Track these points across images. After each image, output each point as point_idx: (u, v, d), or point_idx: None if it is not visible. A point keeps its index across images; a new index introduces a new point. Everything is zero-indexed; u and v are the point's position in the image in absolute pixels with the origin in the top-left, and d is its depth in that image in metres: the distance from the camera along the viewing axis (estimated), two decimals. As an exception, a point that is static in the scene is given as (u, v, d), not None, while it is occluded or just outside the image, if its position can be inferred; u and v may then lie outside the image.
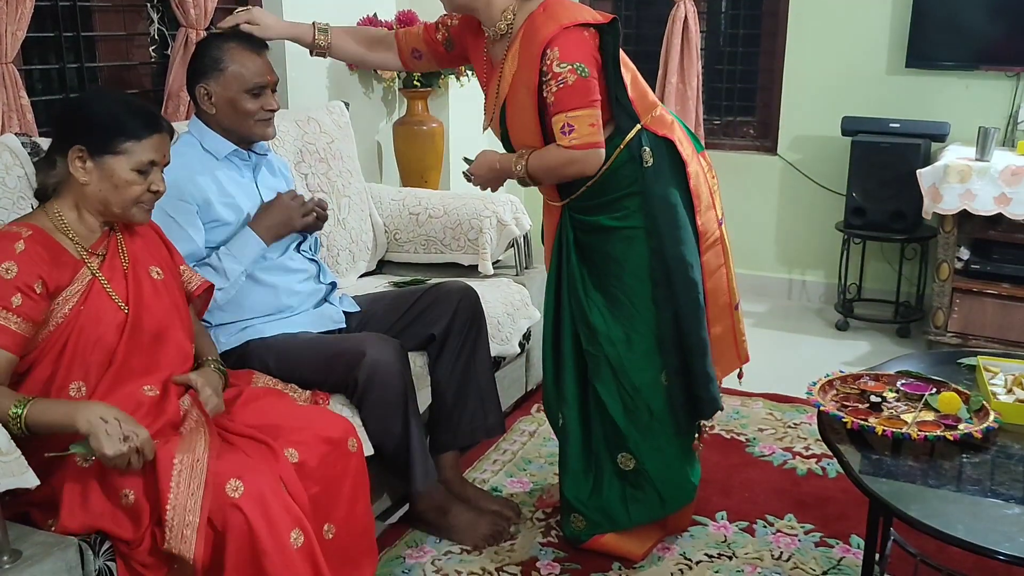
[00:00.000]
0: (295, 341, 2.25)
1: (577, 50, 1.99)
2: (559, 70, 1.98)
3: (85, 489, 1.63)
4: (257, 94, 2.24)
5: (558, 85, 1.99)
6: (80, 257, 1.74)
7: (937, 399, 1.94)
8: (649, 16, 4.50)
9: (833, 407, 1.93)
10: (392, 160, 3.79)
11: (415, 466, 2.23)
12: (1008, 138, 3.77)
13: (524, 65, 2.04)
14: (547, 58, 1.98)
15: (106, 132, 1.71)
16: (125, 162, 1.71)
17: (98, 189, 1.72)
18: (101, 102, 1.76)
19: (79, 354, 1.70)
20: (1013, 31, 3.72)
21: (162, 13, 2.89)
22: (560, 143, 2.03)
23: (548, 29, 1.99)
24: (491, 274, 3.01)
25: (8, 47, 2.28)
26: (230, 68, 2.22)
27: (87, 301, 1.71)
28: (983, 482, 1.71)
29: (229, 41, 2.24)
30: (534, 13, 2.05)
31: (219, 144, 2.26)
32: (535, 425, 3.03)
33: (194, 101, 2.27)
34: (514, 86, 2.08)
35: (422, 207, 3.11)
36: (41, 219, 1.73)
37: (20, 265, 1.63)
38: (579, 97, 1.99)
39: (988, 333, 3.50)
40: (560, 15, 2.01)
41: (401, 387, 2.18)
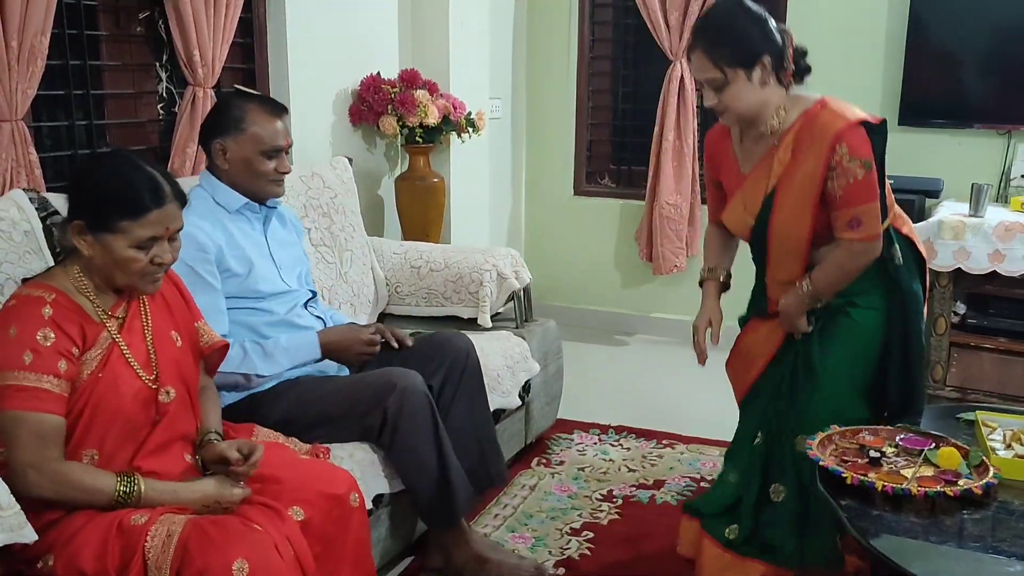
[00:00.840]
0: (312, 383, 2.27)
1: (863, 146, 2.07)
2: (849, 165, 2.06)
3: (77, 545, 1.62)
4: (272, 156, 2.30)
5: (848, 180, 2.06)
6: (100, 320, 1.72)
7: (936, 454, 1.94)
8: (647, 74, 4.58)
9: (832, 462, 1.93)
10: (394, 214, 3.83)
11: (458, 492, 2.22)
12: (1001, 194, 3.83)
13: (804, 157, 2.11)
14: (836, 153, 2.06)
15: (103, 209, 1.67)
16: (123, 240, 1.68)
17: (101, 263, 1.70)
18: (105, 174, 1.71)
19: (96, 422, 1.69)
20: (1004, 90, 3.79)
21: (170, 72, 2.95)
22: (844, 236, 2.11)
23: (837, 124, 2.07)
24: (491, 327, 3.03)
25: (19, 104, 2.33)
26: (250, 129, 2.26)
27: (106, 367, 1.70)
28: (985, 539, 1.70)
29: (251, 102, 2.30)
30: (811, 109, 2.13)
31: (231, 198, 2.30)
32: (535, 479, 3.02)
33: (208, 154, 2.32)
34: (788, 176, 2.14)
35: (423, 260, 3.14)
36: (60, 279, 1.72)
37: (55, 330, 1.63)
38: (867, 192, 2.07)
39: (986, 387, 3.51)
40: (845, 111, 2.10)
41: (431, 414, 2.20)
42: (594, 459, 3.18)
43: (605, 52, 4.73)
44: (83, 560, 1.60)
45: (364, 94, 3.54)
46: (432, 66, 3.81)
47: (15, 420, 1.59)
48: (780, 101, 2.15)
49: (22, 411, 1.59)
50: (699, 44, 2.11)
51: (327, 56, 3.43)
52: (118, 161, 1.74)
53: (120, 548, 1.60)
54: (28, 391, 1.59)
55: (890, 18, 3.98)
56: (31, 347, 1.61)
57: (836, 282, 2.17)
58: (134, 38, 2.88)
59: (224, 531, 1.61)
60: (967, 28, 3.80)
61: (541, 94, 4.77)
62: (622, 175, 4.80)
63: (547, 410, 3.26)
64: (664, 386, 3.95)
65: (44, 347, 1.62)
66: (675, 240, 4.37)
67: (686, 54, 2.08)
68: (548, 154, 4.82)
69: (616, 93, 4.75)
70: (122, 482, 1.65)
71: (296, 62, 3.27)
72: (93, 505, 1.63)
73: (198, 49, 2.80)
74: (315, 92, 3.41)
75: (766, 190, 2.19)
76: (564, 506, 2.85)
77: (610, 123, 4.79)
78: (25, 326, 1.62)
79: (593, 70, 4.73)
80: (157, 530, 1.61)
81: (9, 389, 1.59)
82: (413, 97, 3.50)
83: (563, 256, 4.82)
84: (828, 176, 2.08)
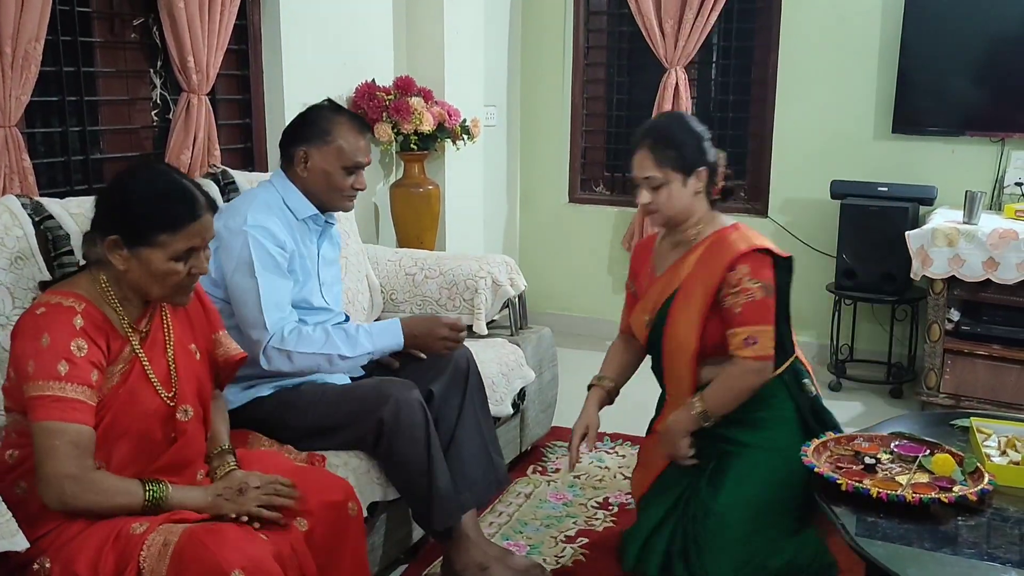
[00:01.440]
0: (309, 391, 2.27)
1: (764, 270, 2.19)
2: (749, 285, 2.16)
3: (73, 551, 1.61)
4: (352, 171, 2.33)
5: (747, 298, 2.16)
6: (125, 333, 1.72)
7: (931, 461, 1.94)
8: (642, 82, 4.60)
9: (828, 469, 1.93)
10: (389, 221, 3.83)
11: (437, 502, 2.22)
12: (995, 202, 3.84)
13: (706, 269, 2.23)
14: (737, 272, 2.17)
15: (141, 224, 1.66)
16: (161, 253, 1.67)
17: (137, 276, 1.69)
18: (140, 189, 1.69)
19: (109, 436, 1.68)
20: (996, 98, 3.81)
21: (164, 78, 2.95)
22: (740, 353, 2.18)
23: (740, 247, 2.20)
24: (485, 334, 3.02)
25: (12, 111, 2.32)
26: (337, 142, 2.30)
27: (127, 383, 1.69)
28: (979, 545, 1.71)
29: (341, 115, 2.34)
30: (725, 229, 2.28)
31: (302, 205, 2.33)
32: (531, 487, 3.02)
33: (287, 159, 2.34)
34: (688, 286, 2.25)
35: (418, 267, 3.14)
36: (87, 287, 1.70)
37: (87, 341, 1.62)
38: (764, 313, 2.17)
39: (980, 394, 3.51)
40: (751, 237, 2.24)
41: (424, 424, 2.20)
42: (589, 466, 3.18)
43: (600, 59, 4.75)
44: (79, 565, 1.59)
45: (359, 101, 3.54)
46: (427, 73, 3.81)
47: (53, 431, 1.57)
48: (702, 214, 2.29)
49: (61, 422, 1.58)
50: (646, 145, 2.24)
51: (322, 63, 3.43)
52: (152, 175, 1.73)
53: (116, 556, 1.59)
54: (65, 402, 1.58)
55: (884, 26, 4.00)
56: (66, 357, 1.60)
57: (727, 401, 2.22)
58: (128, 44, 2.87)
59: (221, 540, 1.59)
60: (961, 36, 3.82)
61: (536, 101, 4.78)
62: (616, 182, 4.81)
63: (542, 418, 3.25)
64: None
65: (78, 357, 1.61)
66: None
67: (641, 147, 2.27)
68: (543, 161, 4.83)
69: (611, 100, 4.76)
70: (149, 488, 1.65)
71: (291, 69, 3.27)
72: (125, 510, 1.62)
73: (192, 56, 2.80)
74: (310, 99, 3.36)
75: (668, 295, 2.30)
76: (559, 514, 2.84)
77: (605, 130, 4.80)
78: (58, 335, 1.61)
79: (588, 77, 4.74)
80: (154, 539, 1.60)
81: (46, 400, 1.58)
82: (408, 104, 3.50)
83: (558, 263, 4.83)
84: (726, 294, 2.18)
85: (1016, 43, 3.73)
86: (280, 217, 2.29)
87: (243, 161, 3.26)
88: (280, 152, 2.39)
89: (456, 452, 2.40)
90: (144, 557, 1.57)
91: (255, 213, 2.24)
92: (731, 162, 2.38)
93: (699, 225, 2.29)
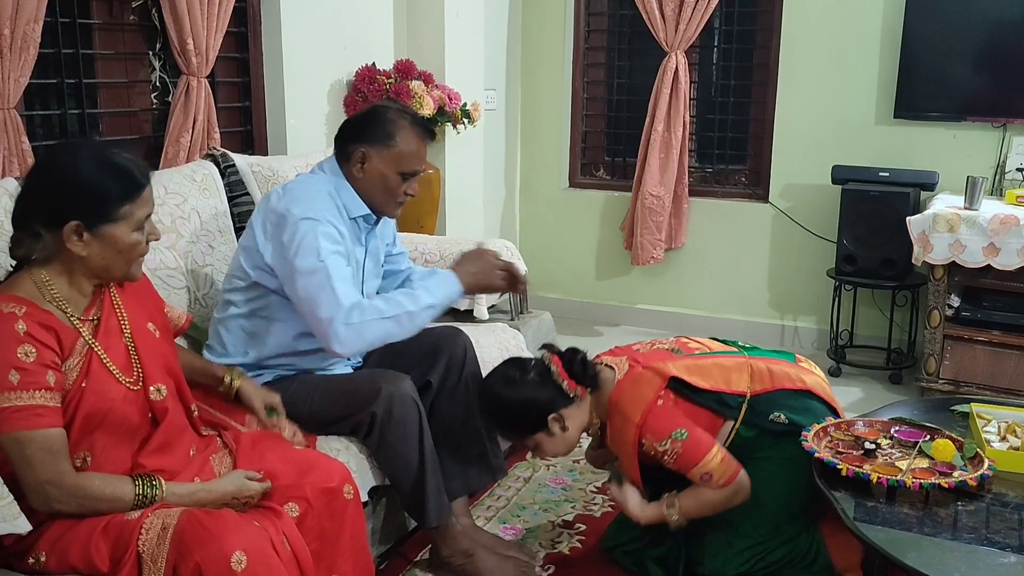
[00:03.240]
0: (307, 381, 2.26)
1: (663, 424, 2.13)
2: (663, 447, 2.12)
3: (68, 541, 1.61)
4: (407, 177, 2.28)
5: (672, 456, 2.13)
6: (74, 327, 1.67)
7: (931, 446, 1.95)
8: (642, 67, 4.57)
9: (828, 454, 1.93)
10: (388, 205, 3.82)
11: (429, 499, 2.22)
12: (996, 187, 3.83)
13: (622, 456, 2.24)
14: (646, 446, 2.14)
15: (100, 202, 1.62)
16: (125, 226, 1.64)
17: (100, 258, 1.64)
18: (82, 169, 1.62)
19: (88, 428, 1.66)
20: (998, 83, 3.80)
21: (164, 61, 2.94)
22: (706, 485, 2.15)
23: (629, 432, 2.16)
24: (486, 319, 3.02)
25: (11, 93, 2.31)
26: (398, 147, 2.24)
27: (88, 375, 1.66)
28: (979, 530, 1.71)
29: (405, 119, 2.27)
30: (609, 413, 2.23)
31: (354, 203, 2.27)
32: (530, 471, 3.02)
33: (343, 155, 2.27)
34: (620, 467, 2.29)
35: (418, 252, 3.12)
36: (27, 288, 1.64)
37: (34, 344, 1.58)
38: (696, 452, 2.12)
39: (979, 380, 3.52)
40: (630, 414, 2.16)
41: (417, 417, 2.19)
42: (588, 451, 3.18)
43: (600, 43, 4.72)
44: (74, 556, 1.59)
45: (359, 84, 3.53)
46: (427, 57, 3.80)
47: (22, 442, 1.55)
48: (587, 419, 2.26)
49: (26, 431, 1.55)
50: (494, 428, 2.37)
51: (322, 46, 3.41)
52: (90, 153, 1.67)
53: (112, 543, 1.59)
54: (25, 410, 1.55)
55: (886, 11, 3.98)
56: (14, 365, 1.55)
57: (704, 512, 2.20)
58: (127, 27, 2.86)
59: (221, 523, 1.60)
60: (963, 21, 3.80)
61: (536, 85, 4.76)
62: (617, 167, 4.79)
63: (542, 402, 3.25)
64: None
65: (28, 363, 1.57)
66: (655, 232, 4.35)
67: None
68: (543, 146, 4.81)
69: (611, 84, 4.74)
70: (139, 485, 1.64)
71: (291, 52, 3.26)
72: (115, 511, 1.62)
73: (192, 38, 2.78)
74: (310, 82, 3.39)
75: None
76: (557, 498, 2.85)
77: (605, 115, 4.78)
78: (2, 345, 1.56)
79: (588, 61, 4.72)
80: (151, 523, 1.60)
81: (5, 412, 1.55)
82: (408, 88, 3.48)
83: (558, 248, 4.82)
84: (657, 461, 2.16)
85: (1019, 28, 3.71)
86: (333, 213, 2.22)
87: (243, 144, 3.25)
88: (336, 145, 2.31)
89: (451, 440, 2.41)
90: (143, 542, 1.57)
91: (319, 205, 2.18)
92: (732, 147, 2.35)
93: (594, 424, 2.28)
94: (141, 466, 1.71)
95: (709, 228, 4.45)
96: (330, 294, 2.09)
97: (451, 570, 2.34)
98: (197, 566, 1.54)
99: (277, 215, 2.18)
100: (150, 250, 1.75)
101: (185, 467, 1.79)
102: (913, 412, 2.23)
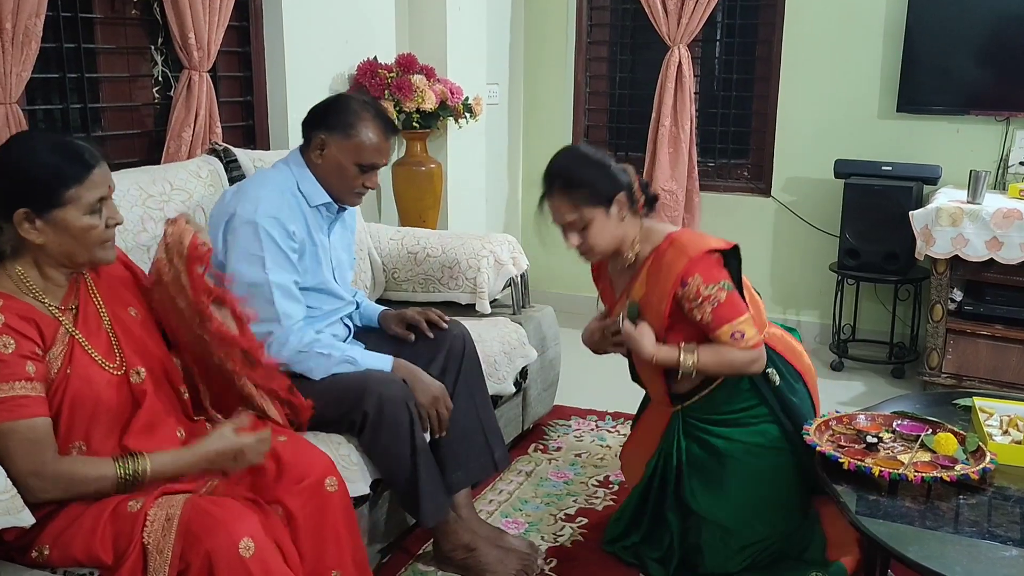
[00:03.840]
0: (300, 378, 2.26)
1: (716, 271, 2.16)
2: (708, 292, 2.13)
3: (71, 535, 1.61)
4: (365, 170, 2.29)
5: (712, 305, 2.14)
6: (54, 316, 1.67)
7: (933, 440, 1.95)
8: (644, 60, 4.57)
9: (830, 448, 1.93)
10: (391, 200, 3.82)
11: (423, 500, 2.23)
12: (999, 181, 3.83)
13: (655, 291, 2.20)
14: (690, 285, 2.14)
15: (46, 187, 1.61)
16: (75, 210, 1.63)
17: (58, 244, 1.64)
18: (27, 156, 1.63)
19: (78, 416, 1.66)
20: (1002, 77, 3.79)
21: (165, 55, 2.93)
22: (733, 345, 2.16)
23: (680, 263, 2.15)
24: (488, 313, 3.02)
25: (13, 87, 2.31)
26: (357, 137, 2.25)
27: (72, 363, 1.66)
28: (980, 524, 1.71)
29: (369, 111, 2.28)
30: (660, 247, 2.22)
31: (315, 192, 2.30)
32: (532, 465, 3.03)
33: (305, 140, 2.31)
34: (646, 305, 2.23)
35: (420, 246, 3.13)
36: (3, 282, 1.65)
37: (13, 336, 1.58)
38: (735, 308, 2.16)
39: (982, 374, 3.52)
40: (688, 247, 2.17)
41: (408, 419, 2.19)
42: (591, 445, 3.19)
43: (603, 37, 4.71)
44: (77, 549, 1.59)
45: (361, 79, 3.52)
46: (429, 51, 3.79)
47: (4, 433, 1.55)
48: (635, 234, 2.26)
49: (8, 422, 1.55)
50: (555, 190, 2.22)
51: (324, 40, 3.41)
52: (33, 141, 1.69)
53: (115, 535, 1.59)
54: (7, 402, 1.55)
55: (888, 5, 3.97)
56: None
57: (717, 372, 2.22)
58: (129, 21, 2.85)
59: (226, 510, 1.60)
60: (966, 14, 3.79)
61: (538, 80, 4.75)
62: (619, 161, 4.77)
63: (544, 396, 3.26)
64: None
65: (7, 355, 1.56)
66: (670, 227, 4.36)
67: (541, 203, 2.28)
68: (545, 140, 4.80)
69: (613, 79, 4.74)
70: (121, 464, 1.64)
71: (292, 46, 3.25)
72: (102, 493, 1.62)
73: (194, 32, 2.78)
74: (311, 76, 3.39)
75: None
76: (560, 492, 2.85)
77: (607, 109, 4.78)
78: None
79: (591, 55, 4.71)
80: (156, 514, 1.59)
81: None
82: (410, 82, 3.48)
83: (560, 243, 4.79)
84: (690, 308, 2.15)
85: (1022, 21, 3.70)
86: (292, 203, 2.25)
87: (244, 139, 3.25)
88: (301, 131, 2.33)
89: (453, 432, 2.41)
90: (148, 533, 1.57)
91: (267, 202, 2.20)
92: (734, 141, 2.37)
93: (636, 247, 2.26)
94: (126, 448, 1.70)
95: (712, 222, 4.44)
96: (271, 311, 2.17)
97: (453, 564, 2.35)
98: (207, 554, 1.54)
99: (227, 215, 2.21)
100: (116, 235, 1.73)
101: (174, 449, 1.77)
102: (915, 406, 2.23)
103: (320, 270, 2.34)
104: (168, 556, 1.55)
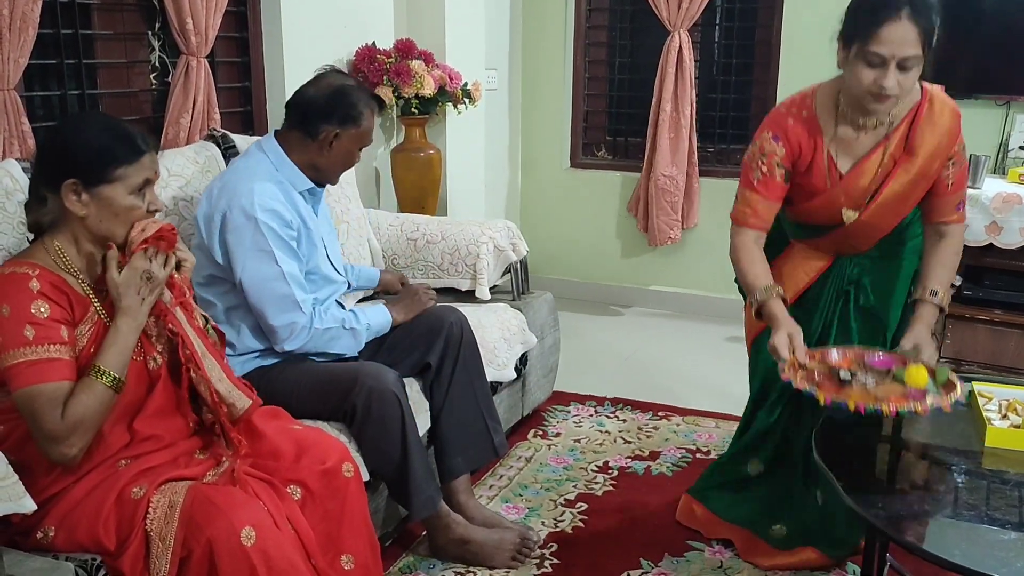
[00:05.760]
0: (291, 370, 2.26)
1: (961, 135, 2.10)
2: (962, 153, 2.11)
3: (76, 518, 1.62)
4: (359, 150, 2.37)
5: (959, 167, 2.11)
6: (86, 294, 1.71)
7: (904, 372, 1.96)
8: (644, 45, 4.55)
9: (805, 384, 1.93)
10: (390, 186, 3.81)
11: (413, 493, 2.23)
12: (999, 166, 3.82)
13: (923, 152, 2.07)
14: (959, 142, 2.09)
15: (97, 162, 1.67)
16: (122, 188, 1.68)
17: (98, 220, 1.69)
18: (84, 132, 1.71)
19: None
20: (1002, 61, 3.77)
21: (163, 41, 2.92)
22: (951, 219, 2.15)
23: (954, 120, 2.09)
24: (488, 299, 3.02)
25: (11, 74, 2.30)
26: (364, 125, 2.32)
27: (97, 344, 1.68)
28: (979, 507, 1.72)
29: (365, 95, 2.35)
30: (921, 103, 2.08)
31: (298, 178, 2.31)
32: (532, 451, 3.03)
33: (310, 134, 2.29)
34: (901, 170, 2.09)
35: (420, 233, 3.13)
36: (41, 256, 1.69)
37: (47, 301, 1.62)
38: (967, 175, 2.16)
39: (981, 359, 3.52)
40: (948, 100, 2.10)
41: (399, 413, 2.19)
42: (590, 431, 3.20)
43: (602, 22, 4.69)
44: (82, 534, 1.60)
45: (359, 64, 3.51)
46: (428, 36, 3.77)
47: (32, 396, 1.57)
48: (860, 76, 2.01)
49: (37, 384, 1.57)
50: (906, 12, 1.89)
51: (322, 25, 3.39)
52: (92, 119, 1.80)
53: (118, 521, 1.60)
54: (39, 364, 1.58)
55: (889, -12, 3.94)
56: (28, 321, 1.59)
57: (953, 274, 2.19)
58: (126, 6, 2.84)
59: (230, 498, 1.61)
60: (967, -2, 3.77)
61: (537, 65, 4.74)
62: (618, 147, 4.78)
63: (544, 382, 3.26)
64: (660, 358, 3.96)
65: (43, 318, 1.60)
66: (670, 212, 4.37)
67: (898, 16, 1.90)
68: (544, 125, 4.80)
69: (612, 64, 4.72)
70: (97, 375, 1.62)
71: (290, 31, 3.24)
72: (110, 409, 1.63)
73: (191, 17, 2.77)
74: (309, 62, 3.34)
75: (873, 187, 2.12)
76: (559, 477, 2.86)
77: (606, 94, 4.76)
78: (17, 303, 1.60)
79: (590, 40, 4.69)
80: (159, 501, 1.61)
81: (21, 367, 1.57)
82: (409, 68, 3.47)
83: (560, 228, 4.81)
84: (948, 166, 2.10)
85: (1021, 5, 3.68)
86: (283, 190, 2.26)
87: (243, 124, 3.24)
88: (298, 122, 2.32)
89: (448, 418, 2.42)
90: (151, 520, 1.58)
91: (261, 194, 2.19)
92: (734, 125, 2.34)
93: (898, 103, 2.02)
94: (136, 431, 1.72)
95: (711, 208, 4.43)
96: (291, 302, 2.20)
97: (448, 555, 2.36)
98: (208, 542, 1.55)
99: (220, 213, 2.20)
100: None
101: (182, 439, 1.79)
102: (914, 391, 2.23)
103: (315, 254, 2.35)
104: (170, 544, 1.56)
